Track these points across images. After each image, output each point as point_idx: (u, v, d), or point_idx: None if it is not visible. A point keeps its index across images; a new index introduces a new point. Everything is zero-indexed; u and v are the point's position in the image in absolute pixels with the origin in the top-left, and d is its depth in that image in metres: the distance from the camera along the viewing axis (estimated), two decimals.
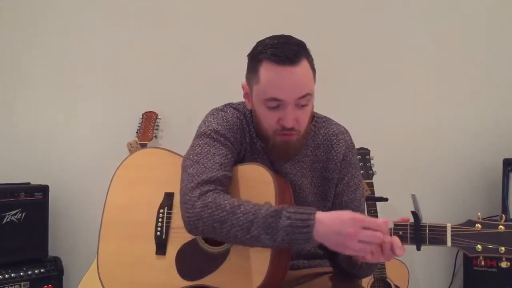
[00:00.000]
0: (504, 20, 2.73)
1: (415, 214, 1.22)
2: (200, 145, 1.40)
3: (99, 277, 1.48)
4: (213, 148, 1.39)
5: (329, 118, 1.55)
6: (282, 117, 1.33)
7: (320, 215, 1.21)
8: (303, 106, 1.34)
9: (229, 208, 1.26)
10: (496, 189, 2.54)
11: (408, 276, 2.46)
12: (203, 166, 1.35)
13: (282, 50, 1.30)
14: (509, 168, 2.45)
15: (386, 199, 2.48)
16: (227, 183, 1.36)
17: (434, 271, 2.73)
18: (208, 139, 1.40)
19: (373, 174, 2.46)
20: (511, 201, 2.42)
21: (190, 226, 1.30)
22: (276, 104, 1.33)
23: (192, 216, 1.29)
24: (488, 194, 2.67)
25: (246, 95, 1.44)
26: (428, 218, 1.25)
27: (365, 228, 1.16)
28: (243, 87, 1.44)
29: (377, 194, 2.47)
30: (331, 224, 1.18)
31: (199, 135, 1.43)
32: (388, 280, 2.41)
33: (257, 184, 1.38)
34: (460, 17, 2.74)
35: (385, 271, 2.41)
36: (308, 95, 1.33)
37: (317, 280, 1.45)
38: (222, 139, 1.40)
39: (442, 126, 2.73)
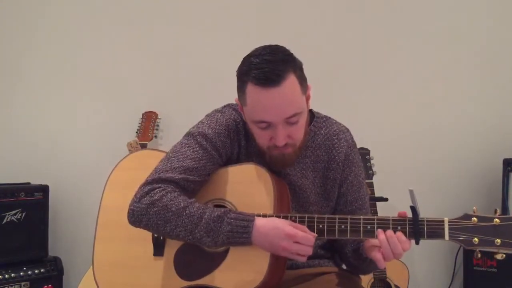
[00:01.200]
0: (504, 20, 2.72)
1: (413, 209, 1.25)
2: (181, 144, 1.44)
3: (95, 279, 1.49)
4: (190, 150, 1.40)
5: (329, 118, 1.54)
6: (274, 136, 1.34)
7: (259, 223, 1.29)
8: (293, 123, 1.34)
9: (175, 209, 1.31)
10: (496, 189, 2.54)
11: (408, 276, 2.46)
12: (169, 165, 1.38)
13: (265, 72, 1.28)
14: (509, 168, 2.45)
15: (386, 199, 2.48)
16: (185, 186, 1.37)
17: (434, 271, 2.72)
18: (191, 140, 1.42)
19: (373, 174, 2.46)
20: (511, 201, 2.42)
21: (133, 218, 1.36)
22: (265, 125, 1.33)
23: (136, 210, 1.35)
24: (488, 194, 2.67)
25: (240, 109, 1.44)
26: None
27: (296, 242, 1.27)
28: (236, 102, 1.44)
29: (377, 194, 2.47)
30: (267, 234, 1.28)
31: (187, 133, 1.46)
32: (388, 280, 2.41)
33: (253, 183, 1.38)
34: (460, 17, 2.74)
35: (385, 271, 2.41)
36: (297, 115, 1.32)
37: (316, 279, 1.45)
38: (205, 143, 1.41)
39: (442, 126, 2.73)
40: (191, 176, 1.37)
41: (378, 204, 2.46)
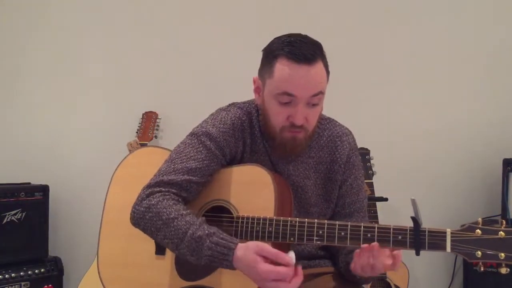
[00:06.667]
0: (504, 20, 2.72)
1: (414, 220, 1.22)
2: (185, 144, 1.42)
3: (99, 276, 1.48)
4: (194, 151, 1.39)
5: (332, 119, 1.55)
6: (292, 114, 1.33)
7: (238, 255, 1.20)
8: (314, 105, 1.35)
9: (165, 218, 1.29)
10: (496, 189, 2.53)
11: (408, 276, 2.46)
12: (173, 166, 1.37)
13: (300, 49, 1.31)
14: (509, 168, 2.45)
15: (386, 199, 2.48)
16: (188, 187, 1.36)
17: (434, 271, 2.72)
18: (195, 141, 1.41)
19: (373, 174, 2.46)
20: (511, 201, 2.41)
21: (133, 220, 1.37)
22: (288, 99, 1.33)
23: (136, 213, 1.35)
24: (488, 194, 2.67)
25: (256, 89, 1.44)
26: (428, 217, 1.25)
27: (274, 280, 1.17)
28: (254, 81, 1.44)
29: (377, 194, 2.47)
30: (245, 270, 1.21)
31: (191, 133, 1.44)
32: (388, 280, 2.41)
33: (255, 185, 1.37)
34: (461, 17, 2.74)
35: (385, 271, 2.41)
36: (321, 94, 1.34)
37: (317, 280, 1.45)
38: (209, 143, 1.40)
39: (442, 126, 2.73)
40: (194, 177, 1.36)
41: (378, 204, 2.46)
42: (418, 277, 2.70)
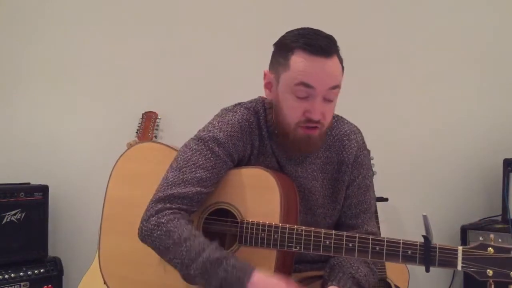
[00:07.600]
0: (504, 20, 2.72)
1: (425, 237, 1.19)
2: (192, 150, 1.36)
3: (101, 271, 1.46)
4: (203, 158, 1.33)
5: (341, 117, 1.51)
6: (310, 109, 1.29)
7: (257, 278, 1.19)
8: (330, 101, 1.32)
9: (176, 238, 1.25)
10: (496, 189, 2.53)
11: (409, 276, 2.46)
12: (182, 177, 1.32)
13: (316, 41, 1.29)
14: (509, 168, 2.44)
15: (386, 199, 2.48)
16: (198, 199, 1.33)
17: (434, 271, 2.71)
18: (202, 146, 1.35)
19: (373, 174, 2.46)
20: (511, 201, 2.41)
21: (141, 236, 1.32)
22: (305, 92, 1.29)
23: (144, 229, 1.30)
24: (488, 194, 2.67)
25: (267, 85, 1.39)
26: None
27: None
28: (265, 75, 1.39)
29: (377, 194, 2.46)
30: None
31: (198, 138, 1.38)
32: (388, 280, 2.41)
33: (260, 189, 1.34)
34: (460, 17, 2.74)
35: (385, 271, 2.41)
36: (338, 88, 1.32)
37: (319, 282, 1.43)
38: (217, 149, 1.34)
39: (442, 126, 2.73)
40: (205, 188, 1.32)
41: (378, 204, 2.46)
42: (418, 277, 2.70)
